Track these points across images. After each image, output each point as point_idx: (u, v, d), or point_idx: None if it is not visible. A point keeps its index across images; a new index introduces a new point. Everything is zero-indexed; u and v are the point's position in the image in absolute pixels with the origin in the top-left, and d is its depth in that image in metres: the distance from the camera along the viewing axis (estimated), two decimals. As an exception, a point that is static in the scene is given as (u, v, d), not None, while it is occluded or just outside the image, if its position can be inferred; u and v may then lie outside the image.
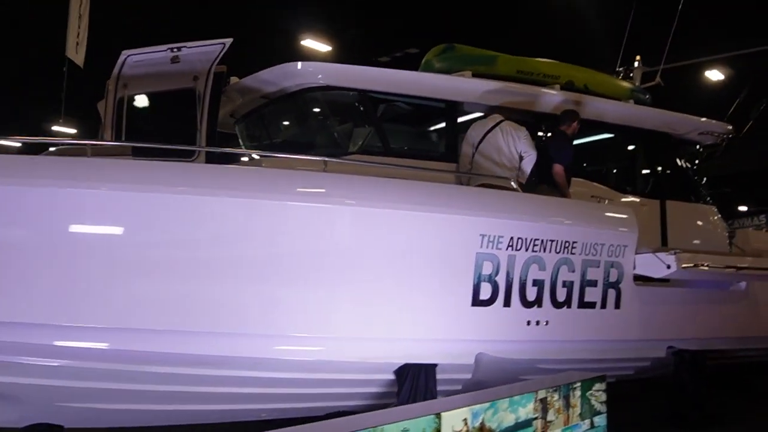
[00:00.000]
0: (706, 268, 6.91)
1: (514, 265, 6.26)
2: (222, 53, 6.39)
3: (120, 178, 5.18)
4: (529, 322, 6.43)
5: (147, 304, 5.30)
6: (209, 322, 5.50)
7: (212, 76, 6.63)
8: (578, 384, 3.87)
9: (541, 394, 3.52)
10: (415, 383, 6.22)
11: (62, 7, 8.05)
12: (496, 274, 6.20)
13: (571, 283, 6.59)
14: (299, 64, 6.51)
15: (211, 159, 6.43)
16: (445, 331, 6.15)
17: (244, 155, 6.56)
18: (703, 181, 9.14)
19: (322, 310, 5.77)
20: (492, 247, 6.14)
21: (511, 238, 6.20)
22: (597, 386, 4.04)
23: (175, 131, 6.64)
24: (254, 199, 5.38)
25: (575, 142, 7.66)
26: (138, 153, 6.01)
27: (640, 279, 7.08)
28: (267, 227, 5.53)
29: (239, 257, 5.50)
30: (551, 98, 7.63)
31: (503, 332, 6.37)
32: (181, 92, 6.66)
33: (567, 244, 6.50)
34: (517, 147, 7.02)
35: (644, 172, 8.65)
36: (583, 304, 6.68)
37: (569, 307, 6.60)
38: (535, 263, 6.37)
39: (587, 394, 3.95)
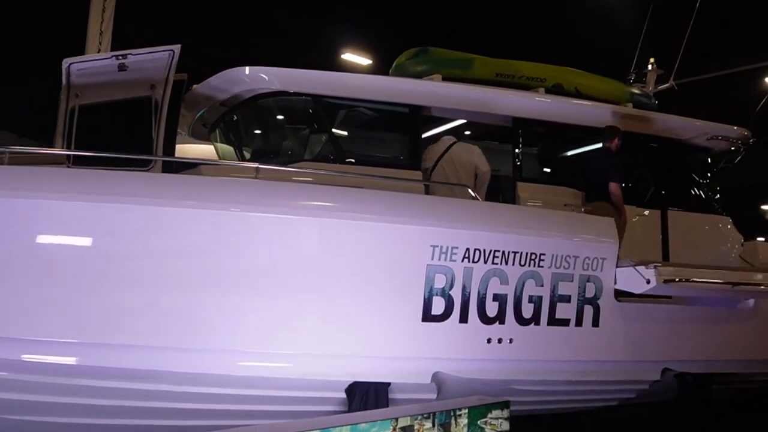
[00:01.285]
0: (692, 283, 6.27)
1: (471, 279, 5.85)
2: (174, 60, 6.25)
3: (77, 188, 5.11)
4: (489, 340, 5.99)
5: (96, 318, 5.20)
6: (147, 336, 5.32)
7: (170, 85, 6.51)
8: (464, 411, 3.42)
9: (405, 421, 3.11)
10: (364, 402, 5.86)
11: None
12: (451, 287, 5.80)
13: (539, 298, 6.11)
14: (247, 69, 6.30)
15: (169, 168, 6.29)
16: (395, 347, 5.79)
17: (195, 164, 6.36)
18: (716, 190, 8.41)
19: (264, 325, 5.52)
20: (445, 259, 5.74)
21: (467, 249, 5.80)
22: (495, 413, 3.59)
23: (130, 140, 6.52)
24: (183, 208, 5.19)
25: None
26: (79, 162, 5.92)
27: (626, 295, 6.50)
28: (201, 239, 5.32)
29: (179, 270, 5.33)
30: (527, 101, 7.15)
31: (460, 350, 5.95)
32: (138, 101, 6.55)
33: (533, 256, 6.04)
34: (470, 168, 6.63)
35: (645, 180, 8.02)
36: (555, 322, 6.19)
37: (537, 324, 6.12)
38: (495, 276, 5.94)
39: (480, 422, 3.50)
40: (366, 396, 5.89)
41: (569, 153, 7.92)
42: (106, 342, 5.27)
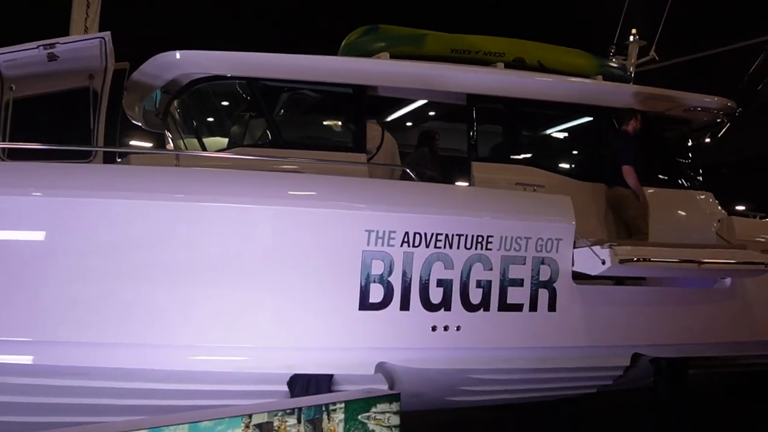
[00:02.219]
0: (651, 263, 5.90)
1: (412, 264, 5.58)
2: (107, 48, 6.06)
3: (14, 182, 4.98)
4: (434, 328, 5.71)
5: (43, 316, 5.10)
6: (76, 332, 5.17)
7: (110, 74, 6.33)
8: (339, 405, 3.14)
9: (261, 418, 2.85)
10: (305, 395, 5.63)
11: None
12: (389, 274, 5.54)
13: (488, 283, 5.81)
14: (178, 54, 6.08)
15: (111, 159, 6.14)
16: (332, 338, 5.57)
17: (127, 154, 6.19)
18: (697, 164, 7.97)
19: (197, 319, 5.33)
20: (382, 244, 5.49)
21: (406, 233, 5.53)
22: (382, 407, 3.31)
23: (70, 131, 6.37)
24: (114, 199, 5.03)
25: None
26: (13, 156, 5.79)
27: (586, 277, 6.15)
28: (128, 229, 5.14)
29: (110, 263, 5.16)
30: (481, 77, 6.80)
31: (403, 339, 5.70)
32: (76, 92, 6.39)
33: (480, 239, 5.74)
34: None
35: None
36: (506, 307, 5.90)
37: (487, 310, 5.83)
38: (439, 261, 5.66)
39: (361, 417, 3.23)
40: (306, 389, 5.67)
41: (531, 130, 7.54)
42: (55, 340, 5.16)
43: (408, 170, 5.93)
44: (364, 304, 5.48)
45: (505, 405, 7.91)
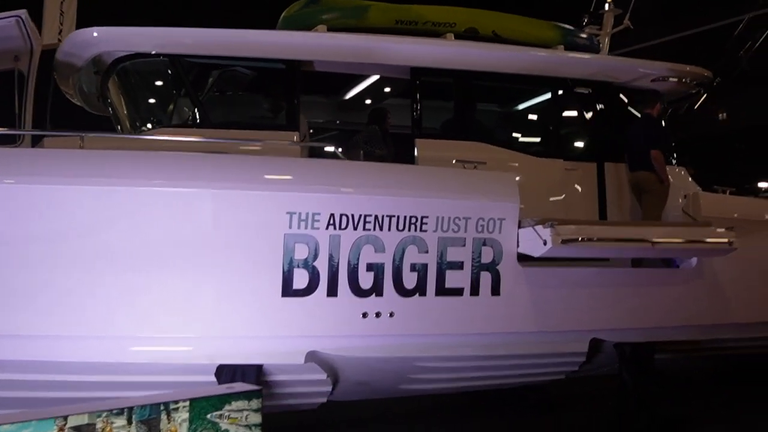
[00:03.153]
0: (597, 243, 5.52)
1: (339, 248, 5.29)
2: (28, 28, 5.79)
3: None
4: (365, 314, 5.40)
5: None
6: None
7: (37, 55, 6.07)
8: (182, 404, 2.84)
9: (78, 419, 2.56)
10: (231, 387, 5.37)
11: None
12: (315, 258, 5.25)
13: (424, 266, 5.49)
14: (95, 31, 5.80)
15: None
16: (256, 327, 5.30)
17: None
18: (668, 137, 7.52)
19: (118, 308, 5.08)
20: (306, 227, 5.19)
21: (332, 215, 5.23)
22: (238, 404, 3.00)
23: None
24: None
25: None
26: None
27: (532, 259, 5.79)
28: (40, 214, 4.89)
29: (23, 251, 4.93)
30: (426, 49, 6.42)
31: (331, 327, 5.41)
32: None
33: (413, 220, 5.42)
34: None
35: (577, 130, 7.20)
36: (444, 291, 5.58)
37: (423, 295, 5.52)
38: (369, 244, 5.37)
39: (211, 416, 2.93)
40: (232, 379, 5.40)
41: (482, 104, 7.14)
42: None
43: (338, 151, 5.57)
44: (288, 291, 5.20)
45: (476, 392, 7.64)
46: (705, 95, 7.79)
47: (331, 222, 5.23)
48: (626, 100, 7.26)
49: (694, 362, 8.07)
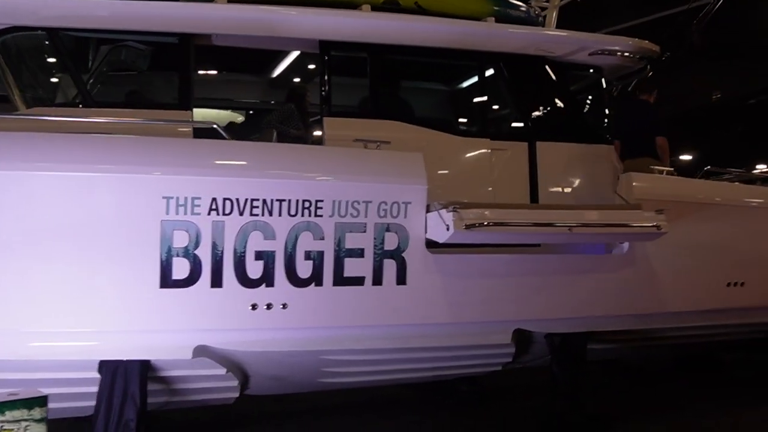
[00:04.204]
0: (507, 227, 5.11)
1: (224, 235, 4.92)
2: None
3: None
4: (255, 306, 5.03)
5: None
6: None
7: None
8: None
9: None
10: (111, 383, 5.04)
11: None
12: (196, 246, 4.89)
13: (320, 254, 5.11)
14: None
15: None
16: (133, 320, 4.93)
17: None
18: (608, 115, 7.08)
19: None
20: (185, 213, 4.84)
21: (214, 199, 4.85)
22: (17, 413, 2.62)
23: None
24: None
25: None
26: None
27: (442, 246, 5.39)
28: None
29: None
30: (336, 21, 5.97)
31: (218, 319, 5.05)
32: None
33: (307, 204, 5.05)
34: None
35: (507, 107, 6.76)
36: (343, 281, 5.21)
37: (319, 285, 5.14)
38: (257, 231, 5.00)
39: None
40: (114, 376, 5.06)
41: (398, 80, 6.69)
42: None
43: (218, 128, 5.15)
44: (166, 282, 4.84)
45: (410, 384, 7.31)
46: (651, 71, 7.33)
47: (214, 207, 4.84)
48: (563, 76, 6.80)
49: (653, 351, 7.79)
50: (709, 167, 6.78)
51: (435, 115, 6.80)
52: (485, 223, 5.05)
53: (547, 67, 6.69)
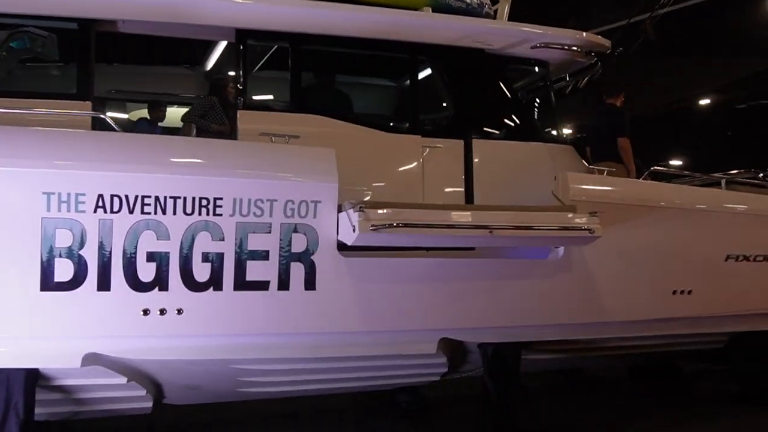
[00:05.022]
0: (418, 229, 4.76)
1: (112, 234, 4.59)
2: None
3: None
4: (146, 311, 4.69)
5: None
6: None
7: None
8: None
9: None
10: (-4, 393, 4.71)
11: None
12: (81, 246, 4.57)
13: (219, 256, 4.78)
14: None
15: None
16: (15, 326, 4.59)
17: None
18: (553, 112, 6.74)
19: None
20: (68, 210, 4.51)
21: (100, 196, 4.53)
22: None
23: None
24: None
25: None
26: None
27: (358, 248, 5.05)
28: None
29: None
30: (254, 8, 5.62)
31: (106, 325, 4.72)
32: None
33: (205, 203, 4.73)
34: None
35: (441, 102, 6.41)
36: (245, 285, 4.86)
37: (218, 289, 4.80)
38: (149, 230, 4.68)
39: None
40: (-2, 386, 4.72)
41: (324, 72, 6.33)
42: None
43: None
44: (48, 284, 4.50)
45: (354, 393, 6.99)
46: (600, 67, 6.98)
47: (100, 204, 4.51)
48: (502, 70, 6.45)
49: (610, 361, 7.52)
50: (654, 167, 6.42)
51: (362, 110, 6.43)
52: (394, 224, 4.71)
53: (485, 60, 6.34)
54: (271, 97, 6.23)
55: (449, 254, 5.71)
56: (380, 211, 4.71)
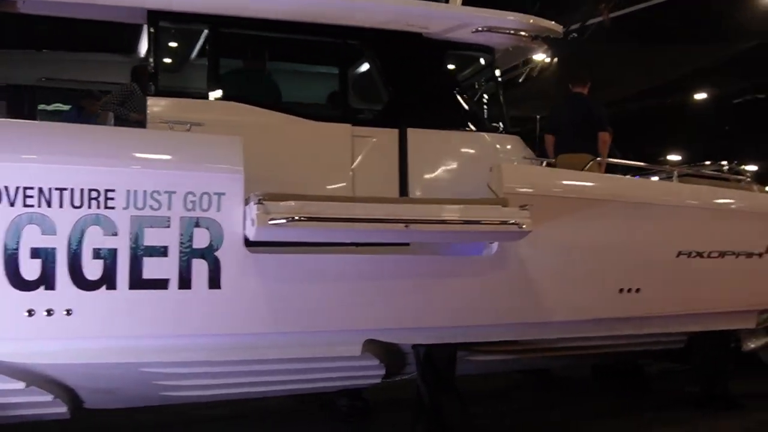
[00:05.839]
0: (324, 223, 4.41)
1: None
2: None
3: None
4: (31, 312, 4.35)
5: None
6: None
7: None
8: None
9: None
10: None
11: None
12: None
13: (112, 252, 4.44)
14: None
15: None
16: None
17: None
18: (499, 100, 6.37)
19: None
20: None
21: None
22: None
23: None
24: None
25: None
26: None
27: (271, 244, 4.72)
28: None
29: None
30: None
31: (-13, 327, 4.34)
32: None
33: (95, 195, 4.39)
34: None
35: (374, 89, 6.04)
36: (142, 284, 4.52)
37: (112, 288, 4.47)
38: (33, 224, 4.36)
39: None
40: None
41: (245, 57, 5.96)
42: None
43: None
44: None
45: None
46: (550, 54, 6.61)
47: (-24, 196, 4.18)
48: (441, 55, 6.09)
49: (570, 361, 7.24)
50: (598, 158, 6.06)
51: (286, 97, 6.06)
52: (296, 218, 4.36)
53: (422, 45, 5.98)
54: (185, 83, 5.87)
55: (376, 250, 5.38)
56: (283, 204, 4.36)
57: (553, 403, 7.50)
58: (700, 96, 21.24)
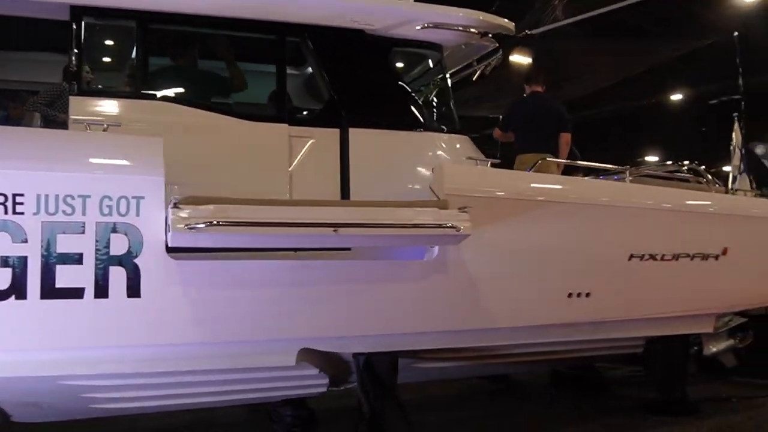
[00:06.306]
0: (244, 228, 4.20)
1: None
2: None
3: None
4: (-66, 324, 4.09)
5: None
6: None
7: None
8: None
9: None
10: None
11: None
12: None
13: (22, 260, 4.23)
14: None
15: None
16: None
17: None
18: (448, 99, 6.18)
19: None
20: None
21: None
22: None
23: None
24: None
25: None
26: None
27: (194, 250, 4.51)
28: None
29: None
30: None
31: None
32: None
33: (2, 199, 4.19)
34: None
35: (314, 88, 5.84)
36: (55, 293, 4.29)
37: (21, 297, 4.25)
38: None
39: None
40: None
41: (171, 54, 5.73)
42: None
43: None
44: None
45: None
46: (499, 52, 6.43)
47: None
48: (386, 53, 5.89)
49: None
50: (546, 158, 5.88)
51: (217, 96, 5.84)
52: (214, 222, 4.14)
53: (365, 42, 5.78)
54: (110, 82, 5.64)
55: (315, 255, 5.18)
56: (201, 208, 4.15)
57: (510, 409, 7.33)
58: (675, 97, 21.30)
